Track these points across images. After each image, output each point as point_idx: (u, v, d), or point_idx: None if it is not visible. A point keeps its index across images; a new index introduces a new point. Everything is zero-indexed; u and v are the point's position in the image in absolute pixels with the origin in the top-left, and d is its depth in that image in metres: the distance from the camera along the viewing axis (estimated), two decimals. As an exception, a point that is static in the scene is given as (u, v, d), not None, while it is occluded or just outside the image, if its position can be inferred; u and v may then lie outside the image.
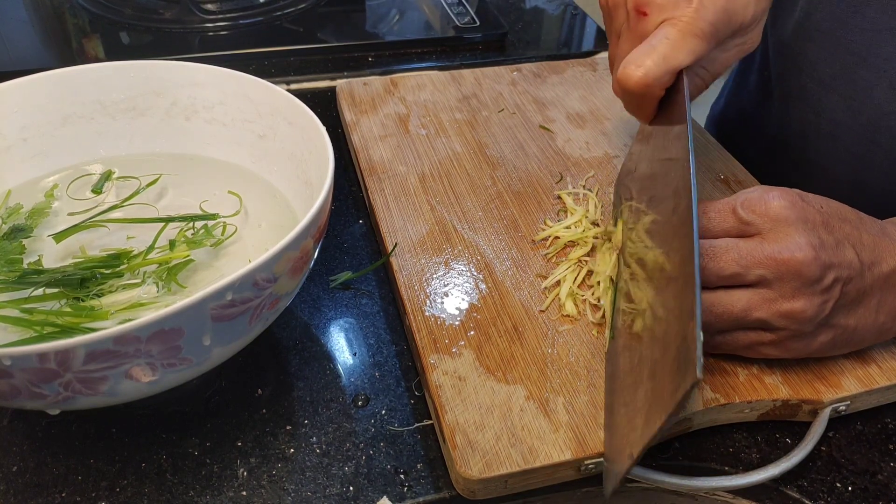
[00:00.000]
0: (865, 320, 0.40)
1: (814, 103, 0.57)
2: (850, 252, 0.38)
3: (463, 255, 0.48)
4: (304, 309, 0.47)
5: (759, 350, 0.40)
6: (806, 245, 0.37)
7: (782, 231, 0.38)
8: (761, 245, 0.38)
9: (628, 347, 0.39)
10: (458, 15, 0.81)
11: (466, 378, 0.40)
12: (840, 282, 0.38)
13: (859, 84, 0.53)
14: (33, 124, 0.48)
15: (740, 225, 0.39)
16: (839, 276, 0.38)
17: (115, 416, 0.40)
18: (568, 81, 0.69)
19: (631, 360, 0.37)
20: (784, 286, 0.37)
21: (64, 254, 0.44)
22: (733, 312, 0.38)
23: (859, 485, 0.39)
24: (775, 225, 0.38)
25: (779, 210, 0.38)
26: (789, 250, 0.37)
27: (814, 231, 0.38)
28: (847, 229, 0.39)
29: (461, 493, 0.37)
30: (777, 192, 0.39)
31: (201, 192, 0.49)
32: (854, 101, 0.53)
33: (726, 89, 0.76)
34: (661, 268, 0.37)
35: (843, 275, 0.38)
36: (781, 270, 0.37)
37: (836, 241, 0.38)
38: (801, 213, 0.38)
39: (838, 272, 0.38)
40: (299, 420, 0.41)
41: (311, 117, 0.44)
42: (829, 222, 0.39)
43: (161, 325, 0.31)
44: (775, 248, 0.37)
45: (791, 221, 0.38)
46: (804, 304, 0.37)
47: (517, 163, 0.57)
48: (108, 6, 0.81)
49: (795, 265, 0.37)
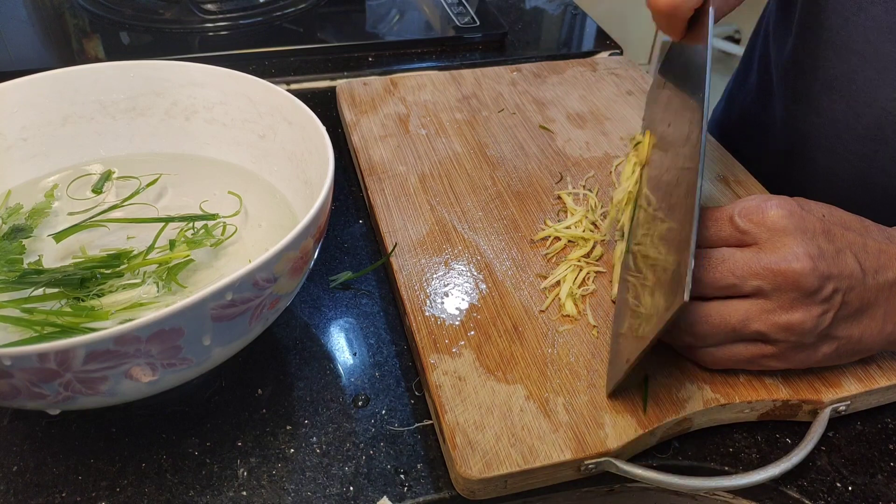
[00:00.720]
0: (871, 330, 0.39)
1: (817, 104, 0.57)
2: (851, 260, 0.38)
3: (463, 255, 0.48)
4: (304, 309, 0.47)
5: (762, 363, 0.40)
6: (804, 255, 0.36)
7: (780, 241, 0.37)
8: (758, 255, 0.37)
9: (637, 272, 0.41)
10: (458, 15, 0.81)
11: (466, 378, 0.40)
12: (840, 292, 0.37)
13: (862, 84, 0.52)
14: (33, 124, 0.48)
15: (737, 234, 0.39)
16: (839, 287, 0.37)
17: (115, 416, 0.40)
18: (568, 81, 0.69)
19: (636, 284, 0.40)
20: (781, 297, 0.37)
21: (64, 254, 0.44)
22: (730, 323, 0.38)
23: (859, 485, 0.39)
24: (773, 235, 0.37)
25: (776, 219, 0.38)
26: (786, 261, 0.36)
27: (813, 240, 0.37)
28: (850, 237, 0.39)
29: (461, 493, 0.37)
30: (776, 202, 0.38)
31: (201, 192, 0.49)
32: (857, 101, 0.53)
33: (727, 90, 0.76)
34: (668, 198, 0.39)
35: (844, 285, 0.37)
36: (778, 281, 0.37)
37: (836, 249, 0.38)
38: (799, 222, 0.38)
39: (838, 282, 0.37)
40: (299, 420, 0.41)
41: (311, 117, 0.44)
42: (831, 231, 0.38)
43: (161, 325, 0.31)
44: (772, 258, 0.37)
45: (789, 231, 0.37)
46: (802, 315, 0.37)
47: (517, 163, 0.57)
48: (108, 6, 0.81)
49: (792, 276, 0.36)
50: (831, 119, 0.56)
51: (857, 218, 0.41)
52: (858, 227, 0.40)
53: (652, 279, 0.38)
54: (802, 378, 0.41)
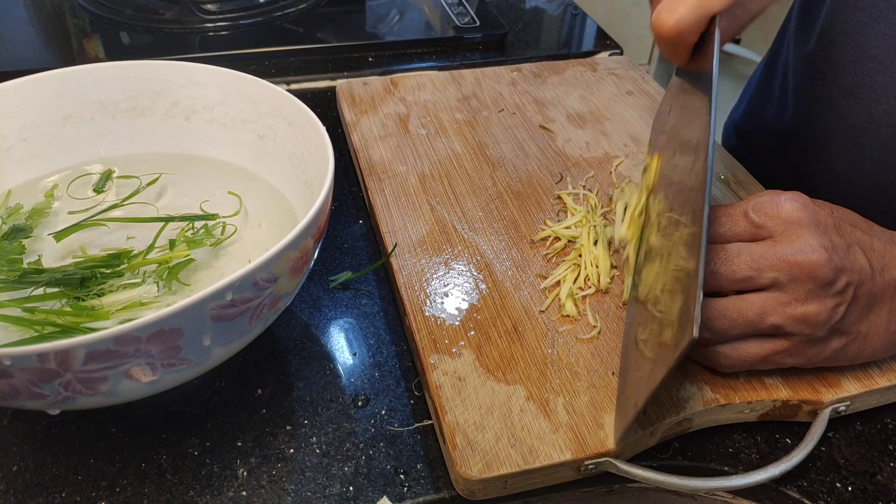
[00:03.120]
0: (877, 327, 0.39)
1: (835, 110, 0.57)
2: (860, 256, 0.38)
3: (463, 256, 0.48)
4: (304, 309, 0.47)
5: (775, 360, 0.40)
6: (818, 247, 0.37)
7: (794, 233, 0.38)
8: (773, 247, 0.38)
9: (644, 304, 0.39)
10: (458, 15, 0.81)
11: (466, 378, 0.40)
12: (852, 285, 0.38)
13: (882, 91, 0.52)
14: (33, 124, 0.48)
15: (752, 228, 0.39)
16: (851, 280, 0.37)
17: (115, 416, 0.40)
18: (568, 81, 0.69)
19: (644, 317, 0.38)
20: (797, 289, 0.37)
21: (64, 253, 0.44)
22: (748, 317, 0.38)
23: (859, 485, 0.39)
24: (787, 227, 0.38)
25: (791, 212, 0.38)
26: (802, 252, 0.37)
27: (826, 233, 0.38)
28: (858, 234, 0.39)
29: (461, 493, 0.37)
30: (788, 195, 0.39)
31: (201, 192, 0.49)
32: (876, 108, 0.53)
33: (747, 95, 0.75)
34: (676, 229, 0.38)
35: (855, 279, 0.38)
36: (795, 272, 0.37)
37: (847, 244, 0.38)
38: (813, 215, 0.38)
39: (850, 276, 0.37)
40: (299, 420, 0.41)
41: (311, 117, 0.44)
42: (841, 226, 0.39)
43: (161, 325, 0.31)
44: (788, 249, 0.37)
45: (803, 223, 0.38)
46: (817, 307, 0.37)
47: (517, 163, 0.57)
48: (108, 6, 0.81)
49: (809, 267, 0.37)
50: (850, 125, 0.55)
51: (861, 218, 0.41)
52: (864, 226, 0.41)
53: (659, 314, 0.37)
54: (802, 378, 0.41)
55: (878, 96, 0.53)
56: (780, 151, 0.66)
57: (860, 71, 0.54)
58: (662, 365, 0.33)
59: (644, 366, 0.36)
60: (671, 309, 0.35)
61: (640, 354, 0.38)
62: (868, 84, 0.53)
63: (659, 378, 0.33)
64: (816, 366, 0.41)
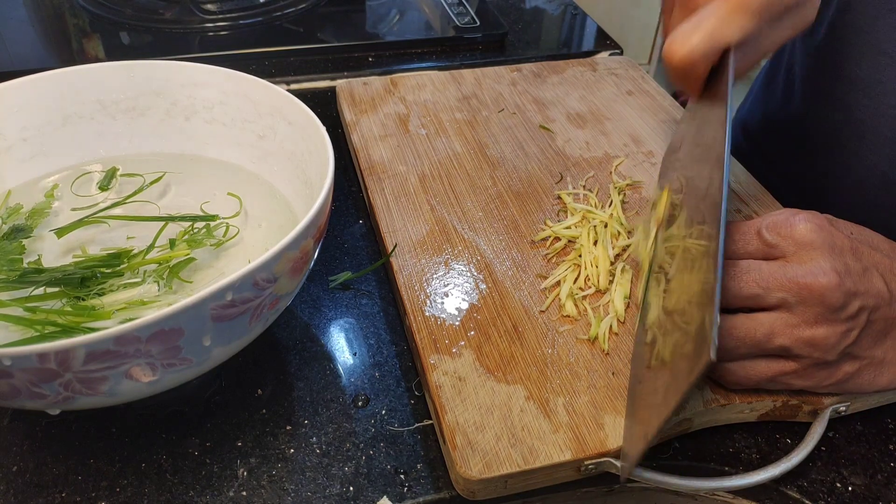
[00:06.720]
0: (895, 352, 0.39)
1: (841, 104, 0.56)
2: (878, 280, 0.37)
3: (463, 256, 0.48)
4: (304, 309, 0.47)
5: (783, 381, 0.39)
6: (830, 270, 0.36)
7: (807, 255, 0.37)
8: (784, 268, 0.37)
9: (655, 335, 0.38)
10: (458, 15, 0.81)
11: (466, 378, 0.40)
12: (866, 310, 0.37)
13: (890, 86, 0.52)
14: (33, 124, 0.48)
15: (765, 247, 0.38)
16: (865, 305, 0.36)
17: (115, 416, 0.40)
18: (568, 81, 0.69)
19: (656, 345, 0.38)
20: (806, 311, 0.36)
21: (64, 253, 0.44)
22: (756, 337, 0.37)
23: (859, 485, 0.39)
24: (800, 248, 0.37)
25: (805, 233, 0.37)
26: (812, 274, 0.36)
27: (840, 257, 0.37)
28: (877, 257, 0.38)
29: (461, 493, 0.37)
30: (804, 216, 0.38)
31: (201, 192, 0.49)
32: (883, 103, 0.52)
33: (752, 91, 0.75)
34: (689, 255, 0.37)
35: (870, 303, 0.37)
36: (803, 295, 0.36)
37: (863, 268, 0.37)
38: (828, 237, 0.37)
39: (864, 300, 0.36)
40: (299, 420, 0.41)
41: (311, 117, 0.44)
42: (858, 249, 0.38)
43: (161, 325, 0.31)
44: (798, 271, 0.36)
45: (817, 245, 0.37)
46: (826, 331, 0.36)
47: (517, 163, 0.57)
48: (108, 6, 0.81)
49: (818, 290, 0.36)
50: (857, 119, 0.55)
51: (885, 239, 0.40)
52: (887, 248, 0.39)
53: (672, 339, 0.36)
54: (802, 378, 0.41)
55: (886, 90, 0.52)
56: (785, 145, 0.66)
57: (868, 65, 0.53)
58: (676, 390, 0.32)
59: (658, 387, 0.35)
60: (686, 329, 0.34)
61: (652, 375, 0.37)
62: (876, 78, 0.53)
63: (673, 404, 0.31)
64: (828, 391, 0.40)
